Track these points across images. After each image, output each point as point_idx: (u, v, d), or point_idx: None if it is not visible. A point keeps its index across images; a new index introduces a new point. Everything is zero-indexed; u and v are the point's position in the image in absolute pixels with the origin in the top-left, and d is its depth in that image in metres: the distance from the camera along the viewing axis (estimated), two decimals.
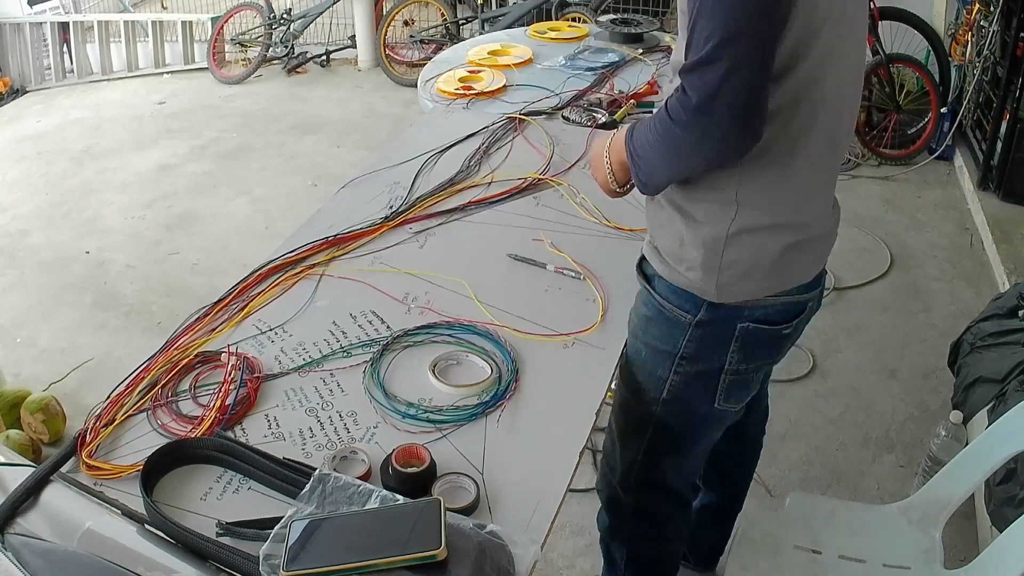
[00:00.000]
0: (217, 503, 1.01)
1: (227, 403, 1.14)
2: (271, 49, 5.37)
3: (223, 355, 1.23)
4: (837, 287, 3.01)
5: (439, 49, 4.64)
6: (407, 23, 5.34)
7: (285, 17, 5.36)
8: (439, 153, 1.85)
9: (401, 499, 0.95)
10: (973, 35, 3.71)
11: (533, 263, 1.46)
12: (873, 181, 3.83)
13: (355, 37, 5.44)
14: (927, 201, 3.68)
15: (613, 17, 2.70)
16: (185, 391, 1.19)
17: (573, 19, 4.23)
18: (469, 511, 0.99)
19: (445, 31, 5.26)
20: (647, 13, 4.45)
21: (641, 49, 2.49)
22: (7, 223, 3.66)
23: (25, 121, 4.84)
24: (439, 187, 1.70)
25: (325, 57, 5.52)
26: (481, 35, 4.19)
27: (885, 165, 3.95)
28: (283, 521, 0.92)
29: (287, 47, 5.37)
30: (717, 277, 1.16)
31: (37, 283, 3.22)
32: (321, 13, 5.35)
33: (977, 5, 3.65)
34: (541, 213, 1.63)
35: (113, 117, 4.82)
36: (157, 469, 1.02)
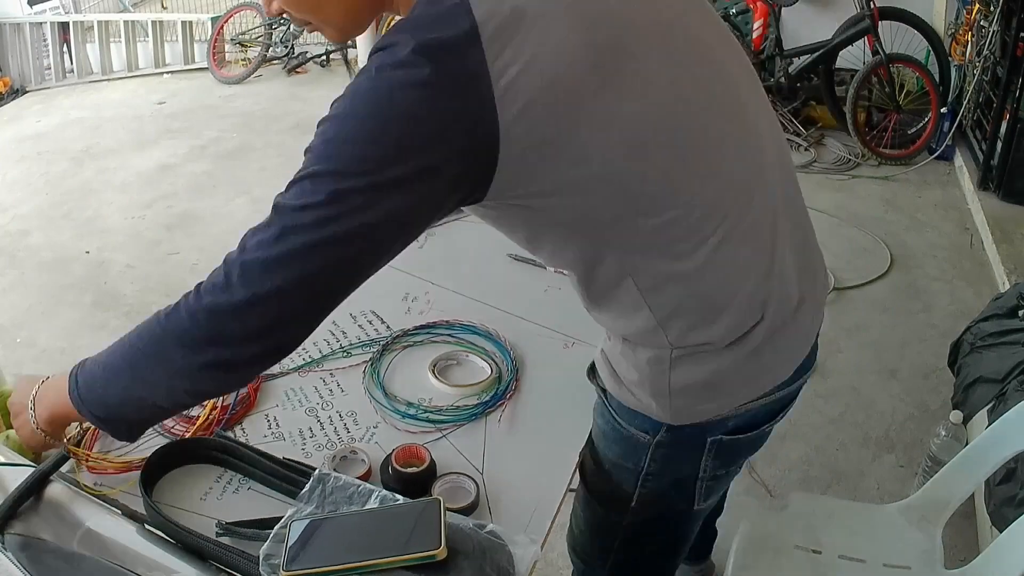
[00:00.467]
0: (217, 503, 1.01)
1: (227, 403, 1.14)
2: (271, 49, 5.37)
3: None
4: (837, 287, 3.01)
5: None
6: None
7: (285, 17, 5.35)
8: None
9: (401, 499, 0.95)
10: (973, 35, 3.71)
11: (533, 263, 1.46)
12: (873, 181, 3.83)
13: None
14: (927, 201, 3.68)
15: None
16: None
17: None
18: (469, 511, 0.99)
19: None
20: None
21: None
22: (7, 223, 3.66)
23: (25, 121, 4.85)
24: None
25: (325, 57, 5.52)
26: None
27: (885, 165, 3.95)
28: (283, 521, 0.92)
29: (287, 47, 5.38)
30: (669, 402, 0.95)
31: (37, 283, 3.22)
32: None
33: (977, 5, 3.65)
34: None
35: (113, 117, 4.82)
36: (157, 469, 1.03)
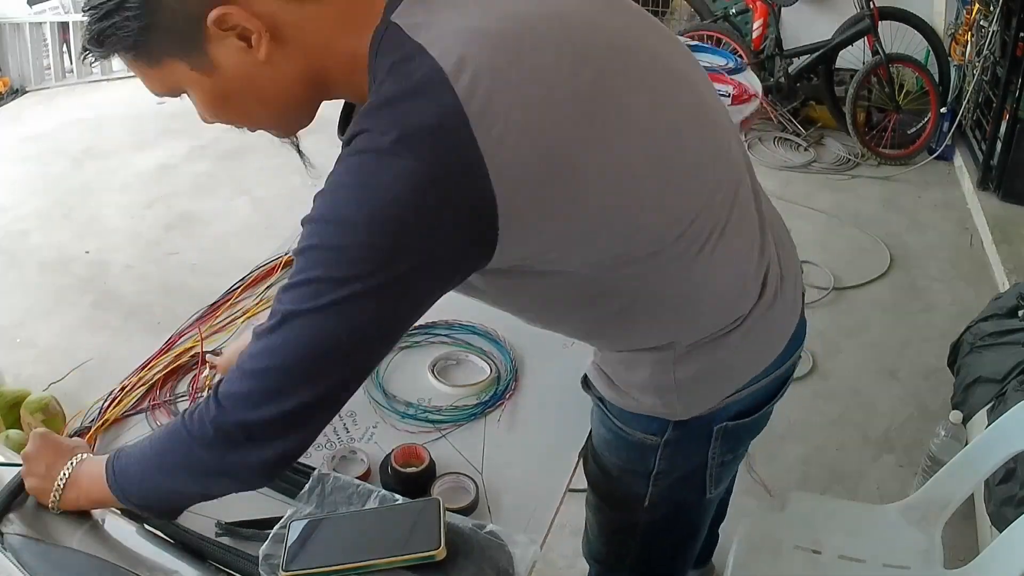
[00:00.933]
0: (217, 503, 1.00)
1: None
2: None
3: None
4: (837, 287, 3.01)
5: None
6: None
7: None
8: None
9: (400, 499, 0.95)
10: (973, 35, 3.71)
11: None
12: (873, 181, 3.83)
13: None
14: (927, 201, 3.68)
15: None
16: (184, 391, 1.19)
17: None
18: (469, 511, 0.99)
19: None
20: None
21: None
22: (7, 223, 3.65)
23: (25, 121, 4.84)
24: None
25: None
26: None
27: (885, 165, 3.95)
28: (282, 521, 0.92)
29: None
30: (676, 397, 1.00)
31: (37, 283, 3.21)
32: None
33: (977, 5, 3.65)
34: None
35: (113, 117, 4.81)
36: None
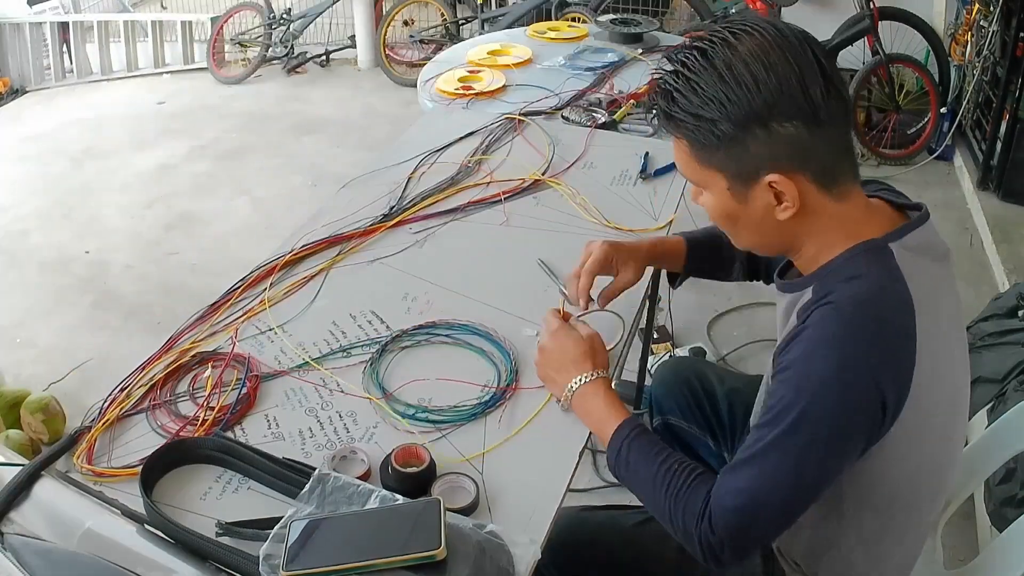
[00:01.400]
0: (217, 503, 1.01)
1: (227, 403, 1.15)
2: (271, 49, 5.36)
3: (222, 354, 1.23)
4: None
5: (439, 49, 4.63)
6: (407, 23, 5.34)
7: (285, 17, 5.36)
8: (436, 152, 1.85)
9: (401, 499, 0.95)
10: (973, 35, 3.71)
11: (551, 272, 1.44)
12: None
13: (355, 37, 5.44)
14: (927, 201, 3.57)
15: (613, 17, 2.70)
16: (184, 391, 1.19)
17: (573, 19, 4.23)
18: (469, 511, 0.99)
19: (445, 31, 5.26)
20: (647, 13, 4.45)
21: (641, 49, 2.49)
22: (7, 223, 3.65)
23: (25, 121, 4.84)
24: (439, 187, 1.70)
25: (325, 57, 5.52)
26: (481, 35, 4.19)
27: (885, 165, 3.95)
28: (283, 521, 0.92)
29: (287, 47, 5.37)
30: None
31: (37, 283, 3.22)
32: (321, 13, 5.34)
33: (977, 5, 3.65)
34: (541, 213, 1.63)
35: (113, 117, 4.81)
36: (157, 469, 1.03)
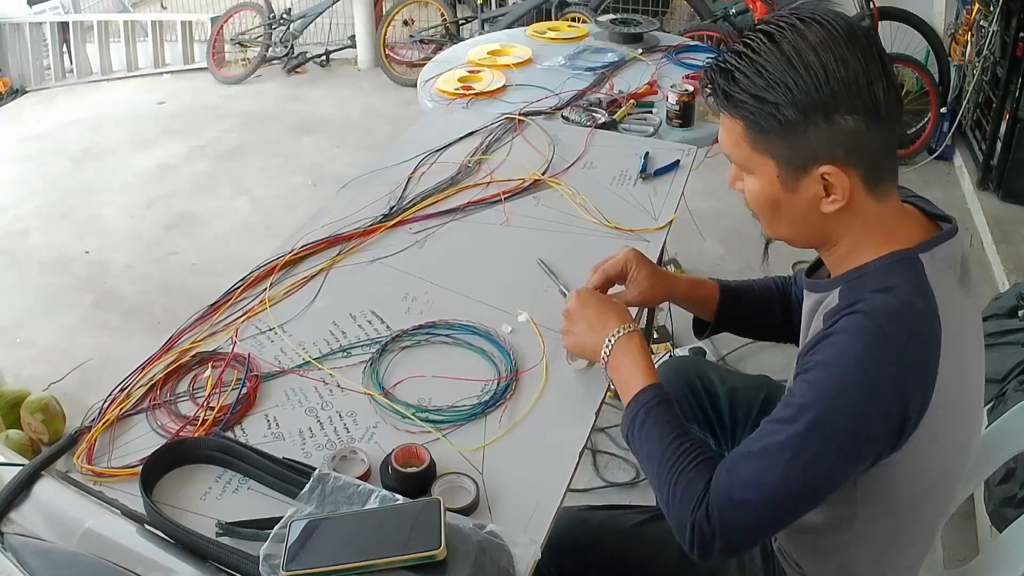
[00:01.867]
0: (217, 503, 1.01)
1: (227, 403, 1.14)
2: (271, 49, 5.36)
3: (222, 354, 1.23)
4: None
5: (439, 49, 4.63)
6: (407, 23, 5.33)
7: (285, 17, 5.36)
8: (436, 152, 1.85)
9: (401, 499, 0.95)
10: (973, 35, 3.71)
11: (551, 272, 1.45)
12: None
13: (355, 37, 5.43)
14: None
15: (613, 17, 2.70)
16: (184, 391, 1.19)
17: (573, 19, 4.23)
18: (469, 511, 0.99)
19: (445, 31, 5.26)
20: (647, 13, 4.45)
21: (641, 49, 2.49)
22: (7, 223, 3.65)
23: (25, 121, 4.84)
24: (439, 187, 1.70)
25: (325, 57, 5.52)
26: (481, 35, 4.19)
27: None
28: (283, 521, 0.92)
29: (287, 47, 5.37)
30: None
31: (37, 283, 3.22)
32: (321, 13, 5.34)
33: (977, 5, 3.65)
34: (541, 213, 1.63)
35: (113, 117, 4.81)
36: (157, 469, 1.03)
